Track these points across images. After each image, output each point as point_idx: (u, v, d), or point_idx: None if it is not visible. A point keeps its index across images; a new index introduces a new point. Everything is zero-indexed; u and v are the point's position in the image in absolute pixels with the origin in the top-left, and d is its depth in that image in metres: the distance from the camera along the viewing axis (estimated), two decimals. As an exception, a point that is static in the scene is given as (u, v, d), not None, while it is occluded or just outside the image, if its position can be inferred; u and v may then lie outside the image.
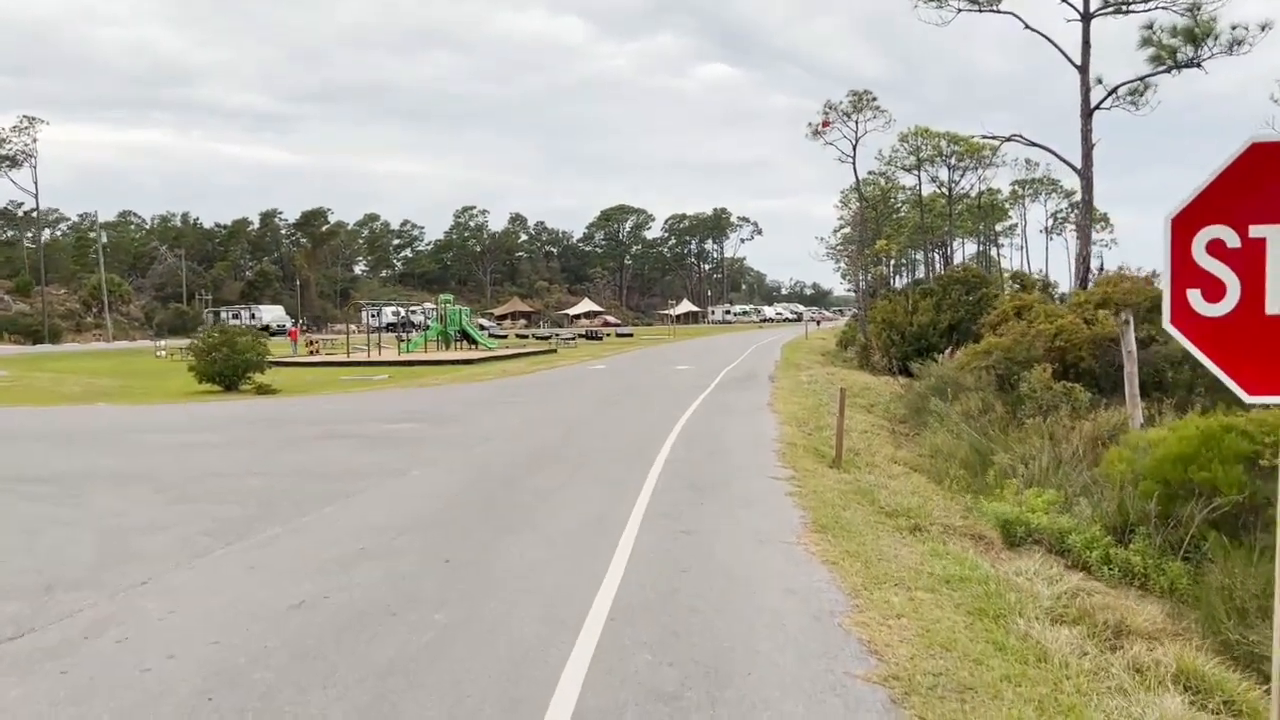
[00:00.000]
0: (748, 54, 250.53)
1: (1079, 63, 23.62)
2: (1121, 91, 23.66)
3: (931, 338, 37.73)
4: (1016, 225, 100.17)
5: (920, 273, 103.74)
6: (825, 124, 44.90)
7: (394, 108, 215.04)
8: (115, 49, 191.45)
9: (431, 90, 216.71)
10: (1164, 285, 3.82)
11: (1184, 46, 21.52)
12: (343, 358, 48.93)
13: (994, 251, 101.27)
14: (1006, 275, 47.21)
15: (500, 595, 6.80)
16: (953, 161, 57.22)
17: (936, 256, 78.56)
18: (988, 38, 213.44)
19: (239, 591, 6.95)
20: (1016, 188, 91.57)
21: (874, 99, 44.40)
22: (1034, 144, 25.12)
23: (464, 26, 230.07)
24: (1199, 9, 21.07)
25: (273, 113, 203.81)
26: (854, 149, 45.41)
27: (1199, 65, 21.86)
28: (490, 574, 7.40)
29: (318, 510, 9.95)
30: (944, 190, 60.22)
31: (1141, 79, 23.38)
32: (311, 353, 56.05)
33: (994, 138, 25.37)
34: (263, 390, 30.45)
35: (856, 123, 44.86)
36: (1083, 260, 24.21)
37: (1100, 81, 23.55)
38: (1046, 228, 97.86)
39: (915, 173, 57.65)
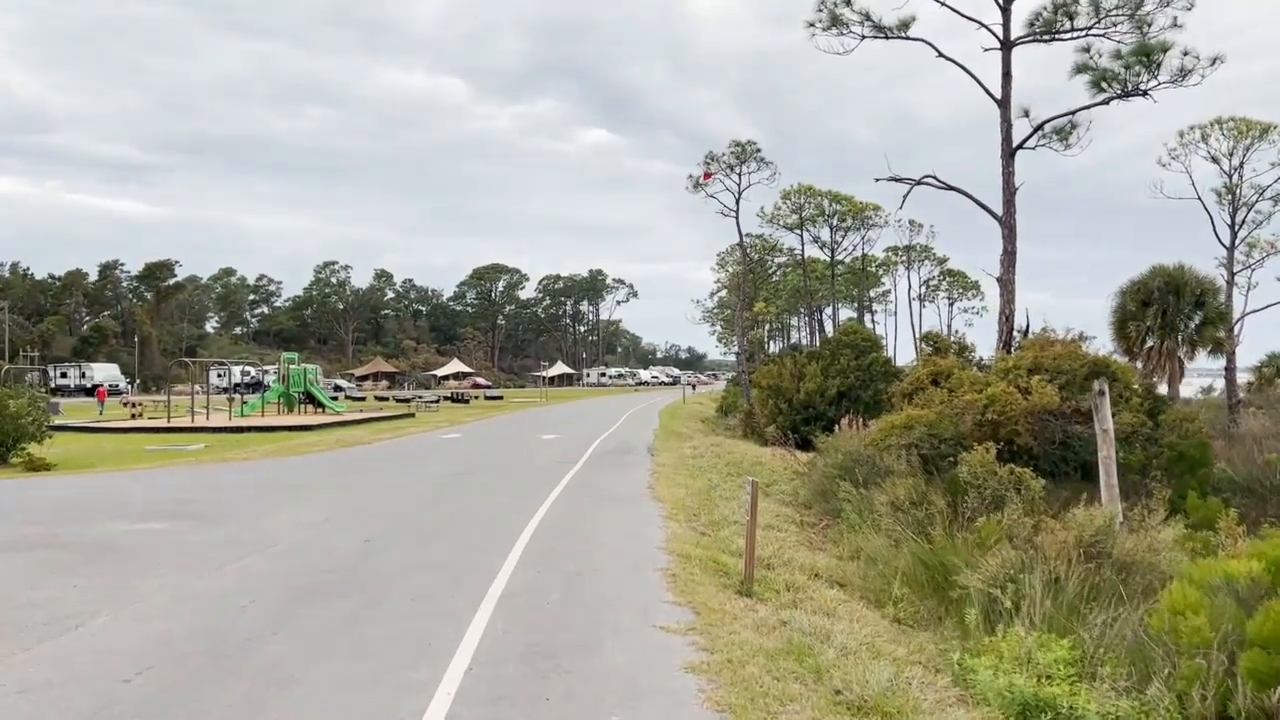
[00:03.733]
0: (627, 120, 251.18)
1: (999, 96, 20.89)
2: (1048, 128, 20.98)
3: (820, 405, 34.64)
4: (890, 291, 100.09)
5: (796, 338, 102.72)
6: (707, 175, 41.95)
7: (266, 161, 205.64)
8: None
9: (306, 145, 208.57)
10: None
11: (1130, 70, 18.99)
12: (162, 423, 42.72)
13: (868, 318, 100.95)
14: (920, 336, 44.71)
15: None
16: (834, 222, 55.22)
17: (810, 322, 76.88)
18: (863, 104, 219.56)
19: None
20: (890, 254, 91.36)
21: (758, 149, 41.76)
22: (949, 187, 22.23)
23: (342, 82, 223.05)
24: (1146, 31, 18.63)
25: (137, 163, 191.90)
26: (737, 202, 42.53)
27: (1145, 94, 19.38)
28: None
29: None
30: (826, 250, 58.17)
31: (1073, 113, 20.74)
32: (133, 416, 49.51)
33: (903, 179, 22.39)
34: (34, 465, 24.76)
35: (740, 174, 42.04)
36: (1006, 319, 21.22)
37: (1027, 114, 20.85)
38: (919, 295, 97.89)
39: (798, 232, 55.34)
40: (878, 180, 22.80)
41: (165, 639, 7.35)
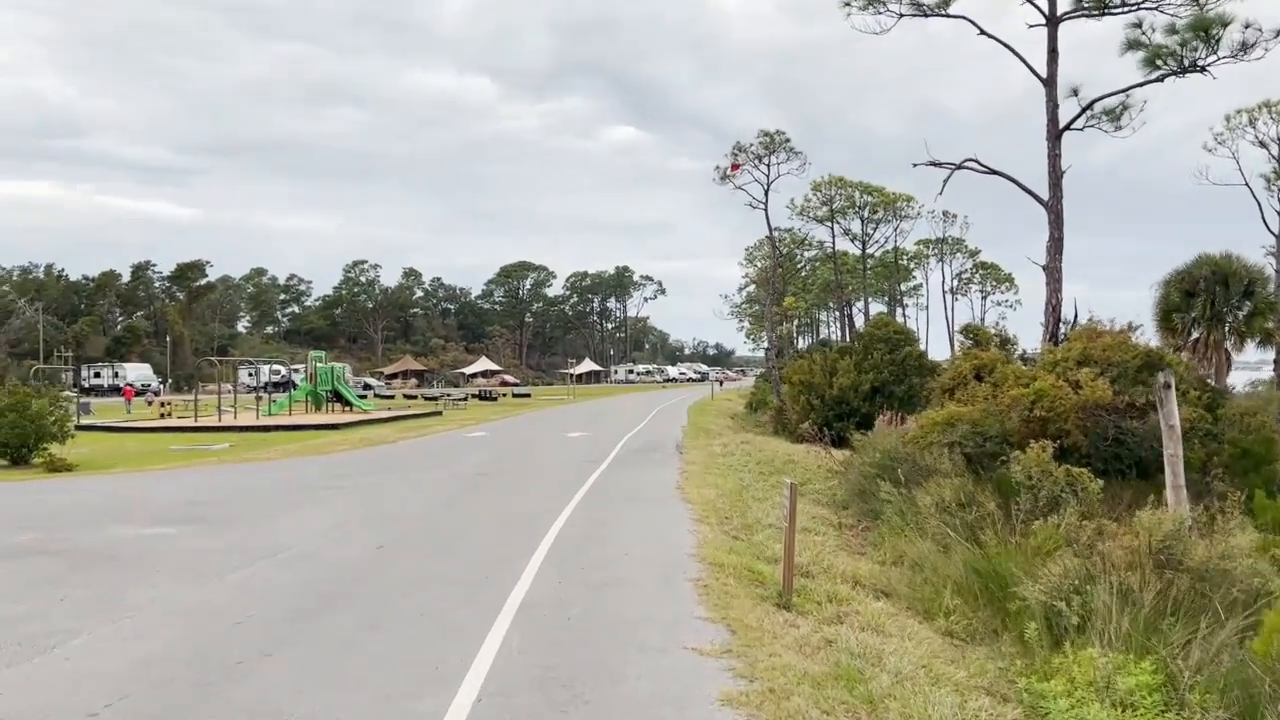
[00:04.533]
0: (654, 117, 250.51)
1: (1044, 75, 19.87)
2: (1097, 109, 19.93)
3: (853, 401, 33.73)
4: (921, 285, 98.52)
5: (825, 333, 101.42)
6: (734, 167, 41.01)
7: (295, 163, 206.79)
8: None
9: (335, 146, 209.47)
10: None
11: (1187, 45, 17.91)
12: (190, 422, 42.50)
13: (899, 312, 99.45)
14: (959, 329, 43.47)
15: None
16: (866, 213, 54.07)
17: (841, 316, 75.71)
18: (889, 98, 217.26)
19: None
20: (921, 247, 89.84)
21: (787, 139, 40.72)
22: (992, 171, 21.23)
23: (369, 83, 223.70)
24: (1204, 3, 17.51)
25: (169, 166, 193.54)
26: (766, 194, 41.55)
27: (1203, 70, 18.29)
28: None
29: None
30: (857, 243, 56.99)
31: (1125, 91, 19.67)
32: (161, 415, 49.41)
33: (943, 164, 21.41)
34: (55, 466, 24.39)
35: (769, 165, 41.06)
36: (1052, 309, 20.21)
37: (1075, 93, 19.80)
38: (951, 288, 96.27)
39: (828, 224, 54.23)
40: (916, 165, 21.89)
41: (147, 661, 6.67)
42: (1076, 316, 20.60)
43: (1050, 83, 19.73)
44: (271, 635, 7.35)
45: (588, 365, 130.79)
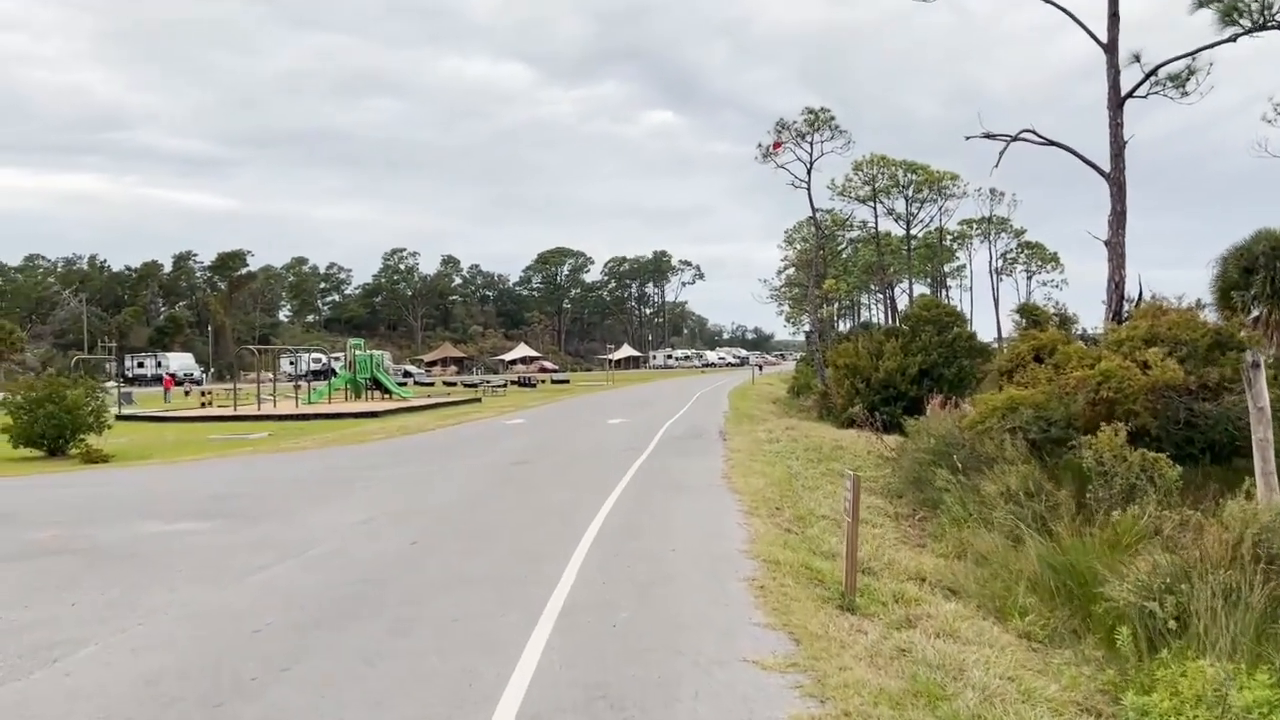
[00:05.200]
0: (690, 100, 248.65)
1: (1104, 40, 18.77)
2: (1162, 74, 18.79)
3: (900, 384, 32.78)
4: (964, 266, 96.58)
5: (867, 316, 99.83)
6: (776, 145, 39.95)
7: (333, 153, 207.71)
8: (45, 92, 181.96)
9: (373, 136, 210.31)
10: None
11: (1267, 5, 16.74)
12: (230, 411, 42.49)
13: (943, 294, 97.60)
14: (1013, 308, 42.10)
15: None
16: (910, 192, 52.75)
17: (885, 298, 74.28)
18: (926, 80, 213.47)
19: None
20: (965, 226, 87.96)
21: (831, 116, 39.59)
22: (1049, 141, 20.16)
23: (405, 72, 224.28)
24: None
25: (210, 157, 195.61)
26: (809, 173, 40.47)
27: (1282, 25, 17.17)
28: None
29: None
30: (900, 223, 55.68)
31: (1193, 54, 18.51)
32: (203, 404, 49.60)
33: (998, 135, 20.38)
34: (91, 457, 24.22)
35: (812, 144, 39.97)
36: (1115, 286, 19.15)
37: (1138, 59, 18.69)
38: (995, 268, 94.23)
39: (870, 204, 53.00)
40: (969, 138, 20.86)
41: (154, 676, 6.07)
42: (1141, 294, 19.54)
43: (1111, 48, 18.63)
44: (291, 645, 6.74)
45: (626, 351, 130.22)
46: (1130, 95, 18.94)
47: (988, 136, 20.74)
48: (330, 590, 8.39)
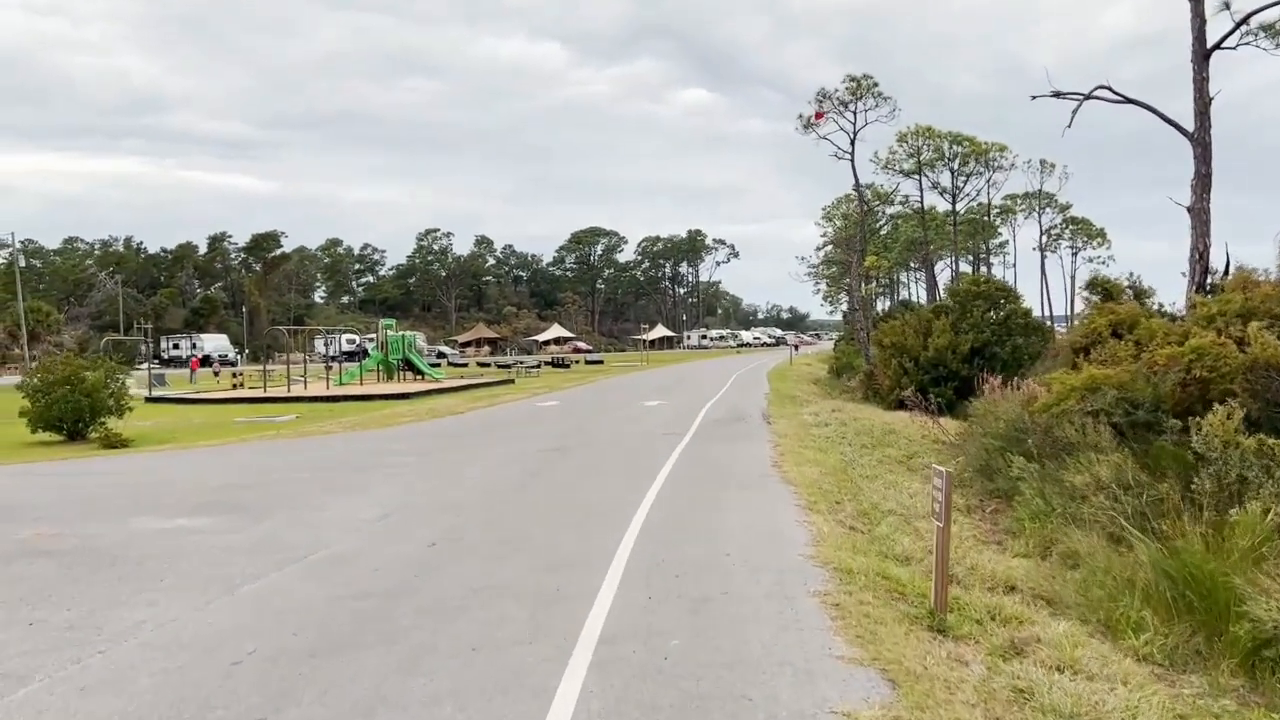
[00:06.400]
0: (725, 78, 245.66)
1: (1190, -14, 17.09)
2: (1254, 23, 17.08)
3: (951, 364, 31.22)
4: (1007, 243, 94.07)
5: (906, 294, 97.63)
6: (818, 115, 38.31)
7: (370, 134, 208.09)
8: (86, 77, 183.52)
9: (408, 118, 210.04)
10: None
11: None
12: (259, 393, 41.73)
13: (984, 271, 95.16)
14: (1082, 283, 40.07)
15: None
16: (955, 165, 50.76)
17: (928, 275, 72.27)
18: (968, 56, 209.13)
19: None
20: (1009, 201, 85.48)
21: (875, 84, 37.81)
22: (1126, 99, 18.50)
23: (442, 52, 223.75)
24: None
25: (248, 140, 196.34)
26: (852, 143, 38.76)
27: None
28: None
29: None
30: (946, 197, 53.68)
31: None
32: (234, 386, 49.01)
33: (1070, 95, 18.75)
34: (111, 442, 23.33)
35: (855, 113, 38.24)
36: (1200, 256, 17.53)
37: (1228, 5, 17.01)
38: (1040, 244, 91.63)
39: (915, 177, 51.06)
40: (1035, 98, 19.25)
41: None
42: (1228, 264, 17.90)
43: (1197, -5, 16.96)
44: (274, 686, 5.52)
45: (660, 331, 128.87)
46: (1218, 46, 17.25)
47: (1056, 95, 19.11)
48: (331, 606, 7.19)
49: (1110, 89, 18.38)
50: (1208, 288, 17.51)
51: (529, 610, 6.98)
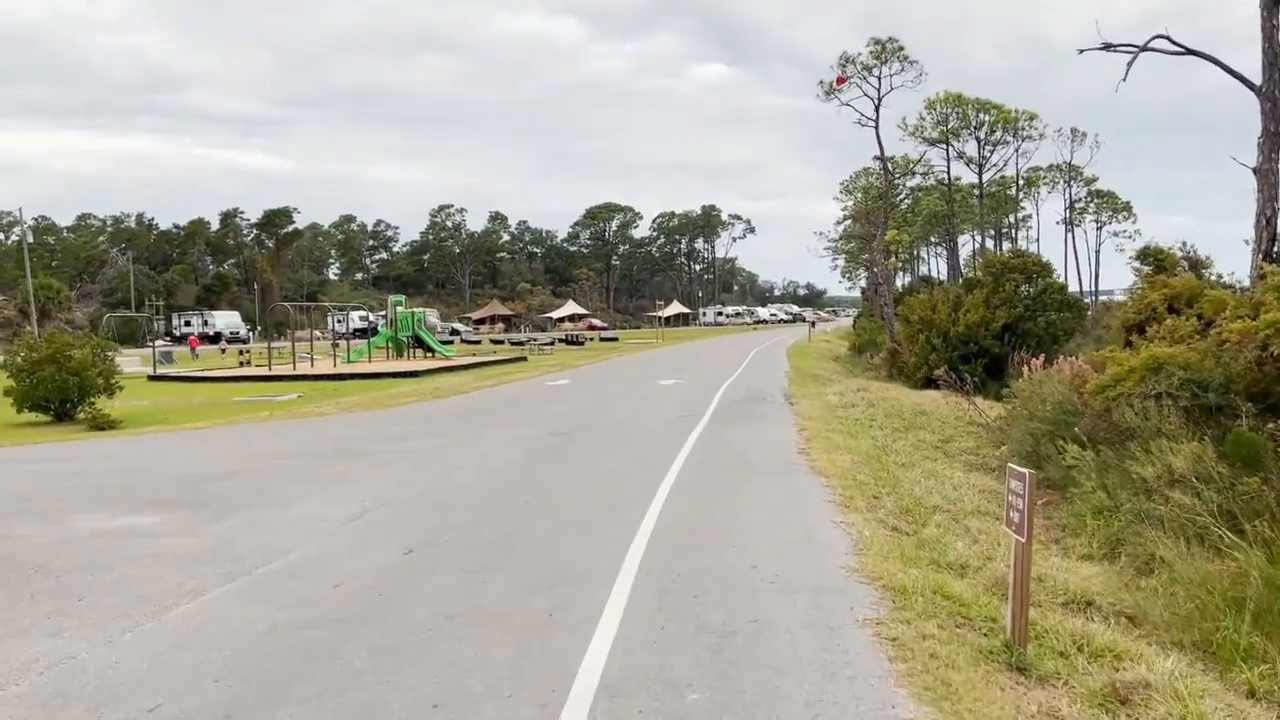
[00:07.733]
0: (744, 53, 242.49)
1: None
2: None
3: (983, 340, 29.77)
4: (1030, 216, 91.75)
5: (926, 270, 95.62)
6: (840, 81, 36.61)
7: (386, 112, 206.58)
8: (104, 55, 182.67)
9: (423, 95, 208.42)
10: None
11: None
12: (263, 370, 40.63)
13: (1007, 246, 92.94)
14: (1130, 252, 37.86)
15: None
16: (983, 134, 48.89)
17: (948, 251, 70.36)
18: (989, 30, 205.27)
19: None
20: (1033, 173, 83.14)
21: (900, 47, 36.06)
22: (1187, 50, 16.85)
23: (458, 29, 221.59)
24: None
25: (263, 118, 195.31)
26: (876, 110, 37.06)
27: None
28: None
29: None
30: (972, 167, 51.77)
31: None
32: (241, 363, 47.96)
33: (1121, 47, 17.14)
34: (98, 423, 22.16)
35: (879, 78, 36.51)
36: (1267, 222, 15.97)
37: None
38: (1067, 218, 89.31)
39: (941, 146, 49.22)
40: (1082, 51, 17.63)
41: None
42: (1296, 231, 16.27)
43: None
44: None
45: (676, 308, 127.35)
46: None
47: (1106, 48, 17.49)
48: (271, 640, 5.85)
49: (1169, 38, 16.75)
50: (1274, 256, 15.95)
51: (513, 646, 5.62)
